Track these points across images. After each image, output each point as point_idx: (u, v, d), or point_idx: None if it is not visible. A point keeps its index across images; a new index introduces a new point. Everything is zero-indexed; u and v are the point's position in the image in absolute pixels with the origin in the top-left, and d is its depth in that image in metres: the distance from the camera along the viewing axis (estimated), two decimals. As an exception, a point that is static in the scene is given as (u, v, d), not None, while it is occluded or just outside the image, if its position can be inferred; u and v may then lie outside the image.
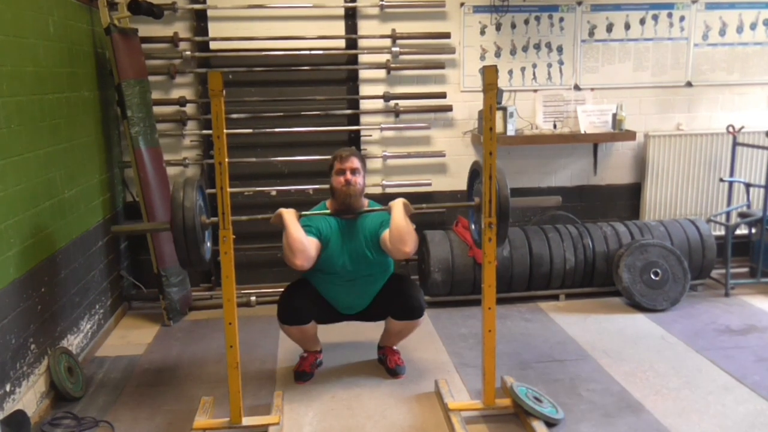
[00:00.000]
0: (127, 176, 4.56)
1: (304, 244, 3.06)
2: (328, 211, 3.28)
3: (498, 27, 4.75)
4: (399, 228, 3.04)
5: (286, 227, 3.04)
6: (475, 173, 3.14)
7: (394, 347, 3.58)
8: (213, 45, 4.53)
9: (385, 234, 3.15)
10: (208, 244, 3.04)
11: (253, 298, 4.58)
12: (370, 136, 4.75)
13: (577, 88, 4.91)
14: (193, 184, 2.85)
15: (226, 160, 2.74)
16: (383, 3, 4.56)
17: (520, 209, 4.81)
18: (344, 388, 3.35)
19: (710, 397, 3.18)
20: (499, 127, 4.50)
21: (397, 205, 3.10)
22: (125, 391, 3.37)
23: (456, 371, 3.53)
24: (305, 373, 3.45)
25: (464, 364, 3.60)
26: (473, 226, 3.28)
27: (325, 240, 3.25)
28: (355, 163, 3.26)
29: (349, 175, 3.22)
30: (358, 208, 3.25)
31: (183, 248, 2.80)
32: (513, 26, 4.77)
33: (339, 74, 4.70)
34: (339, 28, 4.60)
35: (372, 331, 3.67)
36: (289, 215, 3.06)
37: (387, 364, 3.51)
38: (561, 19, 4.81)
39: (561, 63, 4.87)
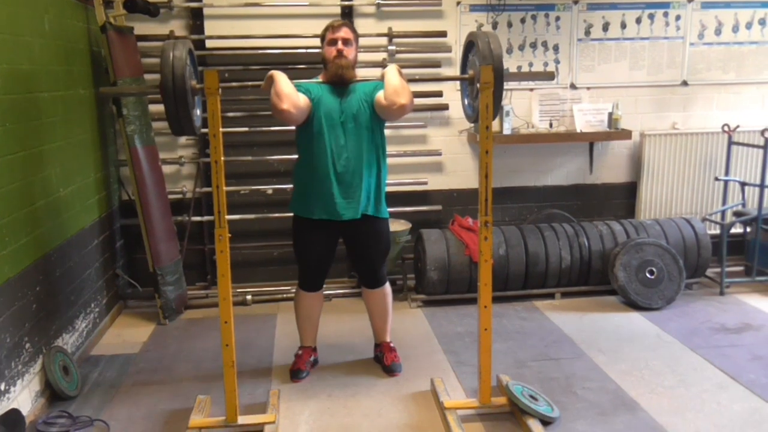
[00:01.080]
0: (122, 175, 4.55)
1: (292, 92, 3.01)
2: (320, 80, 3.22)
3: (494, 26, 4.75)
4: (393, 84, 3.03)
5: (275, 81, 3.01)
6: (470, 45, 3.09)
7: (390, 343, 3.58)
8: (209, 43, 4.53)
9: (380, 94, 3.11)
10: (198, 111, 2.99)
11: (248, 297, 4.58)
12: (367, 134, 4.74)
13: (573, 86, 4.92)
14: (183, 45, 2.75)
15: (222, 158, 2.74)
16: (379, 1, 4.56)
17: (515, 79, 4.64)
18: (340, 387, 3.35)
19: (705, 396, 3.19)
20: (495, 126, 4.49)
21: (390, 68, 3.09)
22: (121, 390, 3.36)
23: (452, 370, 3.53)
24: (301, 371, 3.45)
25: (460, 362, 3.60)
26: (466, 101, 3.25)
27: (316, 98, 3.16)
28: (348, 33, 3.20)
29: (341, 45, 3.15)
30: (350, 78, 3.17)
31: (173, 110, 2.72)
32: (509, 25, 4.77)
33: (335, 73, 4.69)
34: (335, 26, 4.60)
35: (368, 328, 3.67)
36: (279, 73, 3.04)
37: (383, 362, 3.52)
38: (557, 18, 4.81)
39: (557, 62, 4.87)
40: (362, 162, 3.21)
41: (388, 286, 3.54)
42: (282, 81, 3.01)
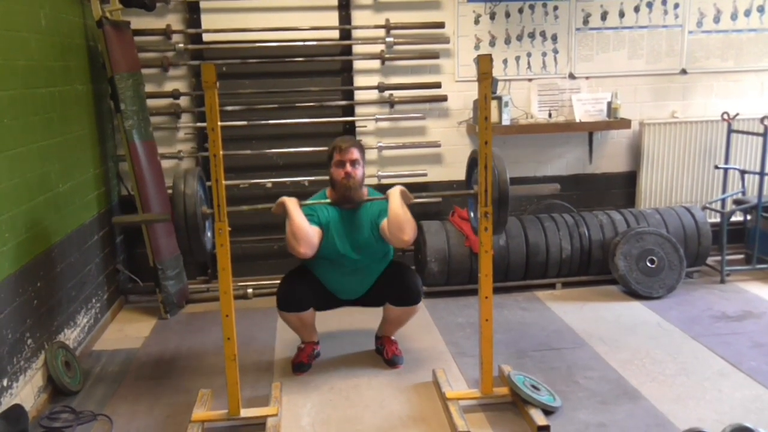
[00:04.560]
0: (121, 170, 4.54)
1: (307, 233, 3.09)
2: (328, 201, 3.28)
3: (492, 16, 4.73)
4: (397, 216, 3.07)
5: (290, 216, 3.07)
6: (473, 162, 3.14)
7: (392, 337, 3.58)
8: (206, 37, 4.51)
9: (384, 222, 3.17)
10: (209, 234, 3.03)
11: (249, 290, 4.58)
12: (365, 126, 4.74)
13: (571, 76, 4.90)
14: (194, 174, 2.84)
15: (221, 152, 2.74)
16: (377, -7, 4.55)
17: (518, 198, 4.81)
18: (342, 379, 3.35)
19: (706, 383, 3.19)
20: (494, 117, 4.49)
21: (395, 194, 3.12)
22: (123, 385, 3.37)
23: (453, 360, 3.54)
24: (303, 365, 3.45)
25: (461, 353, 3.61)
26: (472, 215, 3.28)
27: (326, 225, 3.26)
28: (355, 154, 3.25)
29: (348, 168, 3.21)
30: (358, 199, 3.25)
31: (185, 238, 2.80)
32: (507, 15, 4.75)
33: (333, 65, 4.69)
34: (333, 18, 4.58)
35: (370, 320, 3.68)
36: (292, 204, 3.09)
37: (384, 355, 3.52)
38: (555, 8, 4.79)
39: (555, 52, 4.86)
40: (371, 273, 3.40)
41: (421, 303, 3.48)
42: (297, 218, 3.06)
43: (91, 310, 3.89)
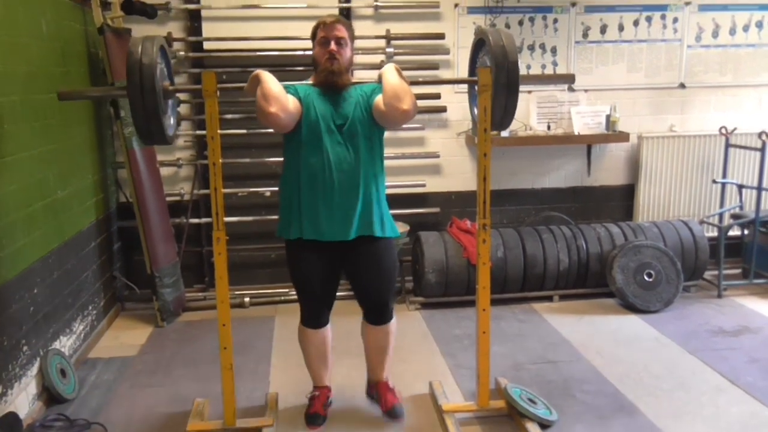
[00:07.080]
0: (120, 177, 4.54)
1: (280, 93, 2.62)
2: (310, 83, 2.82)
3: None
4: (393, 85, 2.63)
5: (261, 81, 2.64)
6: (480, 43, 2.86)
7: (389, 382, 3.11)
8: (207, 45, 4.52)
9: (379, 98, 2.70)
10: (172, 119, 2.71)
11: (246, 299, 4.57)
12: (365, 136, 4.74)
13: (570, 89, 4.92)
14: (152, 41, 2.47)
15: (220, 160, 2.73)
16: (377, 3, 4.56)
17: (532, 83, 4.71)
18: (339, 389, 3.33)
19: (704, 399, 3.19)
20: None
21: (389, 68, 2.72)
22: (118, 393, 3.35)
23: (450, 373, 3.52)
24: (318, 416, 2.99)
25: (458, 365, 3.60)
26: (475, 110, 3.03)
27: (305, 102, 2.75)
28: (342, 31, 2.76)
29: (333, 46, 2.73)
30: (343, 85, 2.76)
31: (140, 116, 2.44)
32: (507, 27, 4.77)
33: (333, 75, 4.68)
34: (333, 28, 4.59)
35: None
36: (265, 72, 2.69)
37: (382, 405, 3.04)
38: (555, 21, 4.82)
39: (555, 64, 4.88)
40: (359, 176, 2.75)
41: (394, 323, 3.03)
42: (270, 81, 2.64)
43: (87, 318, 3.88)
